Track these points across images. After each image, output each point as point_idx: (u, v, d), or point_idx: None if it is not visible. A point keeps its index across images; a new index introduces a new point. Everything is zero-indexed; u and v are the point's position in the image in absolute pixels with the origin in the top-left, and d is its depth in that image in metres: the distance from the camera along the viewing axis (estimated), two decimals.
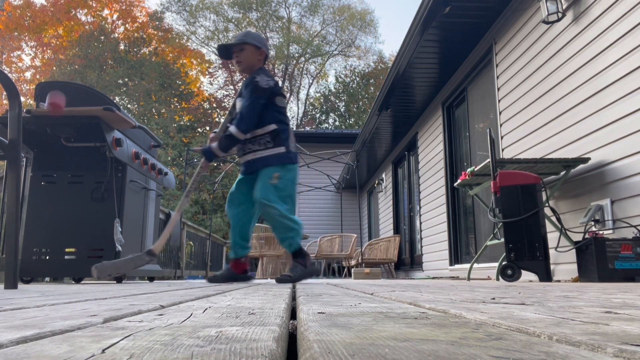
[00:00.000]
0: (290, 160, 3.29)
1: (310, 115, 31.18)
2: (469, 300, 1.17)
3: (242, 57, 3.38)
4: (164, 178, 4.70)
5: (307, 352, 0.43)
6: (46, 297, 1.32)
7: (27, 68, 27.44)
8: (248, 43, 3.37)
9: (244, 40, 3.37)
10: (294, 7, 31.52)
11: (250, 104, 3.22)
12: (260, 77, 3.26)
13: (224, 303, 1.08)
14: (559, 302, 1.10)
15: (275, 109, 3.32)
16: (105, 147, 3.65)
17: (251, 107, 3.21)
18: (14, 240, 2.07)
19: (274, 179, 3.20)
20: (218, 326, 0.60)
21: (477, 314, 0.77)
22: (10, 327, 0.58)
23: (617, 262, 2.89)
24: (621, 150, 3.20)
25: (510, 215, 3.25)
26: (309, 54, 31.29)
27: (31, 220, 3.71)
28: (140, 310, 0.85)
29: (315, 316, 0.74)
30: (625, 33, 3.18)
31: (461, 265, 6.18)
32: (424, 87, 6.84)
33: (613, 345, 0.42)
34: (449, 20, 5.03)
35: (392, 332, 0.54)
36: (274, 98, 3.31)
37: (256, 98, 3.22)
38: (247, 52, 3.37)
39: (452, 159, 6.73)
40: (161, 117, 25.74)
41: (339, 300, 1.17)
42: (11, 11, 25.90)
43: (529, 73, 4.41)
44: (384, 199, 11.22)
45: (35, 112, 3.53)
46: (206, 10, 30.53)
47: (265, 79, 3.26)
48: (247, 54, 3.37)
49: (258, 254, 8.34)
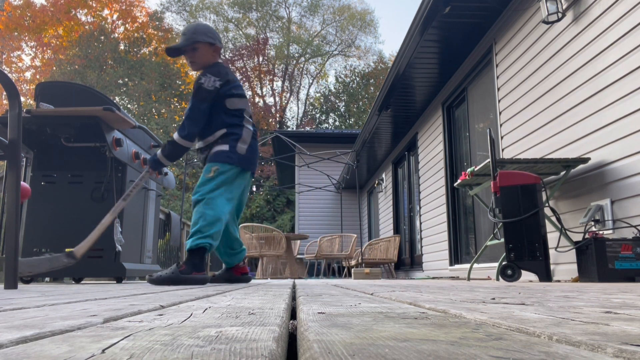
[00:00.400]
0: (230, 160, 2.97)
1: (310, 115, 31.18)
2: (469, 300, 1.17)
3: (196, 58, 3.09)
4: (164, 178, 4.71)
5: (307, 352, 0.43)
6: (46, 297, 1.32)
7: (27, 68, 27.46)
8: (200, 41, 3.06)
9: (196, 39, 3.06)
10: (294, 7, 31.55)
11: (191, 108, 2.97)
12: (207, 77, 2.97)
13: (224, 303, 1.08)
14: (559, 302, 1.10)
15: (225, 111, 3.03)
16: (105, 147, 3.65)
17: (192, 111, 2.96)
18: (14, 240, 2.07)
19: (211, 172, 2.95)
20: (218, 326, 0.60)
21: (477, 314, 0.77)
22: (10, 327, 0.58)
23: (617, 262, 2.89)
24: (621, 150, 3.20)
25: (510, 215, 3.25)
26: (309, 54, 31.30)
27: (31, 220, 3.71)
28: (140, 310, 0.85)
29: (315, 316, 0.74)
30: (625, 33, 3.18)
31: (461, 266, 6.18)
32: (424, 87, 6.84)
33: (613, 345, 0.42)
34: (449, 20, 5.03)
35: (392, 332, 0.54)
36: (223, 100, 3.02)
37: (198, 102, 2.96)
38: (201, 51, 3.07)
39: (452, 159, 6.73)
40: (161, 117, 25.75)
41: (339, 301, 1.17)
42: (11, 11, 25.91)
43: (529, 73, 4.41)
44: (384, 199, 11.22)
45: (35, 112, 3.53)
46: (206, 10, 30.55)
47: (212, 80, 2.97)
48: (201, 53, 3.08)
49: (258, 254, 8.34)
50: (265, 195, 24.08)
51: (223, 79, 3.01)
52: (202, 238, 2.83)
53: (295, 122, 30.91)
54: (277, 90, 31.35)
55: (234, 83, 3.09)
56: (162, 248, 7.49)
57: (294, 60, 31.16)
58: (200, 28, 3.12)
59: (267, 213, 23.38)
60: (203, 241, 2.83)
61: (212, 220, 2.86)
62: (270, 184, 25.27)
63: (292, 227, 20.38)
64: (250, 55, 30.30)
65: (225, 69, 3.12)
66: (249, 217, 22.80)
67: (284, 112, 30.63)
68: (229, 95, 3.04)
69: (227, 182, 2.97)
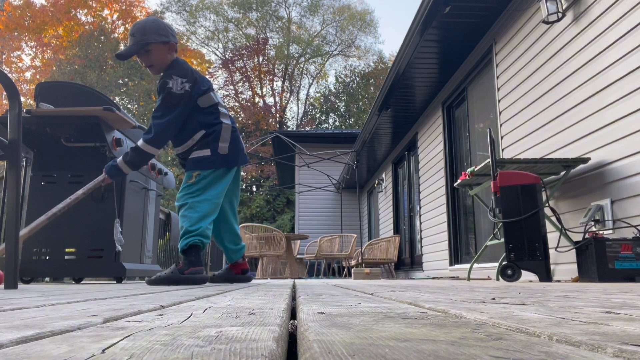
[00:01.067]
0: (214, 165, 2.89)
1: (310, 115, 31.19)
2: (469, 300, 1.17)
3: (152, 60, 2.86)
4: (164, 178, 4.71)
5: (307, 352, 0.43)
6: (46, 297, 1.32)
7: (27, 68, 27.46)
8: (152, 42, 2.82)
9: (147, 40, 2.81)
10: (294, 7, 31.55)
11: (162, 115, 2.78)
12: (174, 80, 2.79)
13: (224, 303, 1.08)
14: (559, 302, 1.10)
15: (199, 110, 2.90)
16: (105, 147, 3.65)
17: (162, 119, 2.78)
18: (14, 240, 2.07)
19: (192, 178, 2.88)
20: (218, 326, 0.60)
21: (477, 314, 0.77)
22: (10, 327, 0.58)
23: (617, 262, 2.89)
24: (621, 150, 3.20)
25: (510, 215, 3.25)
26: (309, 54, 31.31)
27: (31, 221, 3.70)
28: (140, 310, 0.85)
29: (315, 316, 0.74)
30: (625, 33, 3.18)
31: (461, 266, 6.18)
32: (424, 87, 6.84)
33: (613, 345, 0.42)
34: (449, 20, 5.03)
35: (392, 332, 0.54)
36: (195, 100, 2.87)
37: (168, 109, 2.78)
38: (155, 52, 2.84)
39: (452, 159, 6.73)
40: None
41: (339, 300, 1.17)
42: (11, 11, 25.91)
43: (529, 73, 4.41)
44: (384, 199, 11.22)
45: (35, 112, 3.53)
46: (206, 10, 30.56)
47: (180, 82, 2.79)
48: (156, 55, 2.85)
49: (258, 254, 8.34)
50: (265, 195, 24.09)
51: (191, 80, 2.85)
52: (191, 236, 2.79)
53: (295, 122, 30.92)
54: (277, 90, 31.38)
55: (200, 80, 2.94)
56: (162, 248, 7.49)
57: (294, 60, 31.16)
58: (149, 26, 2.85)
59: (267, 213, 23.39)
60: (192, 239, 2.79)
61: (196, 219, 2.82)
62: (270, 184, 25.28)
63: (292, 227, 20.38)
64: (250, 55, 30.31)
65: (187, 65, 2.95)
66: (249, 217, 22.81)
67: (284, 112, 30.64)
68: (200, 94, 2.89)
69: (211, 184, 2.92)
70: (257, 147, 20.51)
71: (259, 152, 23.08)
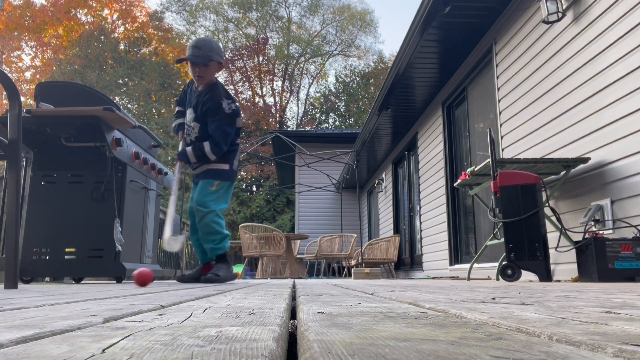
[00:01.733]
0: (230, 178, 3.38)
1: (310, 115, 31.18)
2: (469, 300, 1.17)
3: (206, 74, 3.25)
4: (164, 178, 4.71)
5: (307, 352, 0.43)
6: (46, 297, 1.32)
7: (27, 68, 27.45)
8: (214, 60, 3.24)
9: (211, 57, 3.22)
10: (294, 7, 31.54)
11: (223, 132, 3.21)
12: (225, 102, 3.21)
13: (224, 303, 1.09)
14: (559, 302, 1.10)
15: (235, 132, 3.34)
16: (105, 147, 3.65)
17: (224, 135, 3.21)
18: (14, 240, 2.07)
19: (214, 186, 3.30)
20: (218, 326, 0.60)
21: (477, 314, 0.77)
22: (10, 327, 0.58)
23: (617, 262, 2.89)
24: (621, 150, 3.20)
25: (510, 215, 3.25)
26: (309, 54, 31.30)
27: (31, 220, 3.70)
28: (140, 310, 0.85)
29: (315, 316, 0.74)
30: (625, 33, 3.18)
31: (461, 265, 6.18)
32: (424, 87, 6.84)
33: (613, 345, 0.42)
34: (449, 20, 5.03)
35: (392, 332, 0.54)
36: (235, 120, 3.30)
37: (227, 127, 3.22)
38: (211, 68, 3.25)
39: (452, 159, 6.73)
40: (161, 117, 25.75)
41: (339, 300, 1.17)
42: (11, 11, 25.91)
43: (529, 73, 4.41)
44: (384, 199, 11.22)
45: (35, 112, 3.53)
46: (206, 10, 30.54)
47: (227, 103, 3.22)
48: (211, 71, 3.27)
49: (258, 254, 8.34)
50: (265, 195, 24.08)
51: (234, 101, 3.28)
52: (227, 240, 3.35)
53: (295, 122, 30.91)
54: (277, 90, 31.37)
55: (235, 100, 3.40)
56: (162, 248, 7.48)
57: (294, 60, 31.15)
58: (214, 46, 3.29)
59: (267, 213, 23.38)
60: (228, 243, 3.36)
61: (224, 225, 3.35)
62: (270, 184, 25.27)
63: (292, 227, 20.38)
64: (250, 55, 30.30)
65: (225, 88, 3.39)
66: (249, 216, 22.81)
67: (284, 112, 30.64)
68: (238, 115, 3.32)
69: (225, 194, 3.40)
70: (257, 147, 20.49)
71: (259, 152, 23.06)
